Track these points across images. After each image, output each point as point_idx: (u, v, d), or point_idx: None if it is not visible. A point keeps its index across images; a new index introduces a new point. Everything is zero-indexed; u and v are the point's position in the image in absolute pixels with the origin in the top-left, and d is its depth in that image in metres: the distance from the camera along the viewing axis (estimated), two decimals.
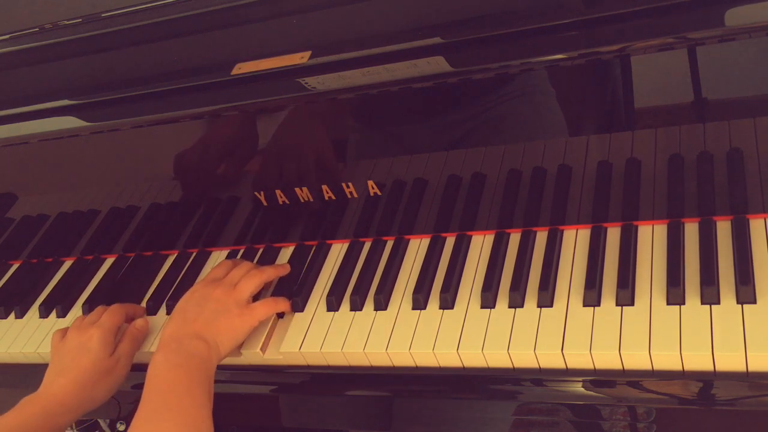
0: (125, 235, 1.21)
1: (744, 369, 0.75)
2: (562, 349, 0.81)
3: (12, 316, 1.19)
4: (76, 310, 1.15)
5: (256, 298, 1.00)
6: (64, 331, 1.03)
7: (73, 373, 0.95)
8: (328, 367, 0.94)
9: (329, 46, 0.94)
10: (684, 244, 0.87)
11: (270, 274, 1.01)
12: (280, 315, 1.00)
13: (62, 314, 1.15)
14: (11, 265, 1.31)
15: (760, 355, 0.74)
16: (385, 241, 1.04)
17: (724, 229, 0.87)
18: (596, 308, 0.84)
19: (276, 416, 1.01)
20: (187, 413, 0.81)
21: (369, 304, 0.96)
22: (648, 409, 0.81)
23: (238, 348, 0.96)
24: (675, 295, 0.82)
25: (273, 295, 1.02)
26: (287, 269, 1.04)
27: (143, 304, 1.11)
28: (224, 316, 0.93)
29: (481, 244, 0.98)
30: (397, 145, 1.00)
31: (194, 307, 0.94)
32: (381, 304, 0.95)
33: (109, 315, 1.02)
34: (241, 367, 0.98)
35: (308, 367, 0.95)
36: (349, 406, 0.97)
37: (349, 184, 1.01)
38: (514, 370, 0.85)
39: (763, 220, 0.86)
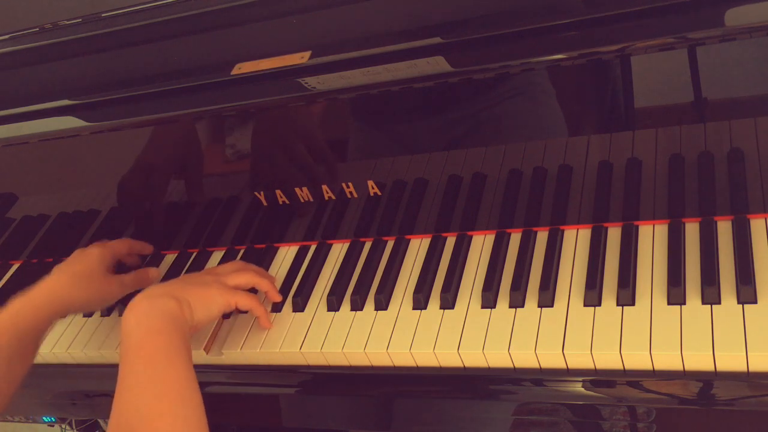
0: (126, 235, 1.20)
1: (745, 369, 0.75)
2: (563, 349, 0.81)
3: None
4: None
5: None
6: None
7: (65, 271, 1.00)
8: (329, 367, 0.94)
9: (329, 46, 0.94)
10: (685, 244, 0.87)
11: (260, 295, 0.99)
12: (278, 310, 1.00)
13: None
14: (12, 265, 1.31)
15: (761, 354, 0.74)
16: (386, 241, 1.04)
17: (724, 228, 0.87)
18: (597, 308, 0.84)
19: (276, 416, 1.01)
20: (175, 384, 0.79)
21: (369, 303, 0.96)
22: (648, 409, 0.81)
23: (239, 347, 0.96)
24: (676, 295, 0.82)
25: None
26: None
27: None
28: (203, 287, 0.92)
29: (481, 244, 0.98)
30: (397, 145, 1.00)
31: (179, 281, 0.94)
32: (382, 304, 0.95)
33: (115, 241, 1.09)
34: (241, 367, 0.98)
35: (308, 367, 0.95)
36: (349, 406, 0.97)
37: (349, 184, 1.01)
38: (514, 370, 0.85)
39: (763, 220, 0.86)
